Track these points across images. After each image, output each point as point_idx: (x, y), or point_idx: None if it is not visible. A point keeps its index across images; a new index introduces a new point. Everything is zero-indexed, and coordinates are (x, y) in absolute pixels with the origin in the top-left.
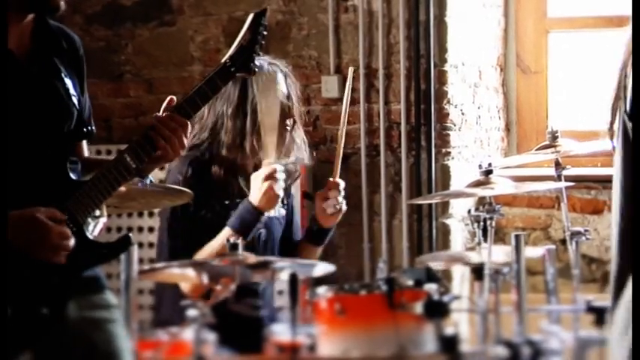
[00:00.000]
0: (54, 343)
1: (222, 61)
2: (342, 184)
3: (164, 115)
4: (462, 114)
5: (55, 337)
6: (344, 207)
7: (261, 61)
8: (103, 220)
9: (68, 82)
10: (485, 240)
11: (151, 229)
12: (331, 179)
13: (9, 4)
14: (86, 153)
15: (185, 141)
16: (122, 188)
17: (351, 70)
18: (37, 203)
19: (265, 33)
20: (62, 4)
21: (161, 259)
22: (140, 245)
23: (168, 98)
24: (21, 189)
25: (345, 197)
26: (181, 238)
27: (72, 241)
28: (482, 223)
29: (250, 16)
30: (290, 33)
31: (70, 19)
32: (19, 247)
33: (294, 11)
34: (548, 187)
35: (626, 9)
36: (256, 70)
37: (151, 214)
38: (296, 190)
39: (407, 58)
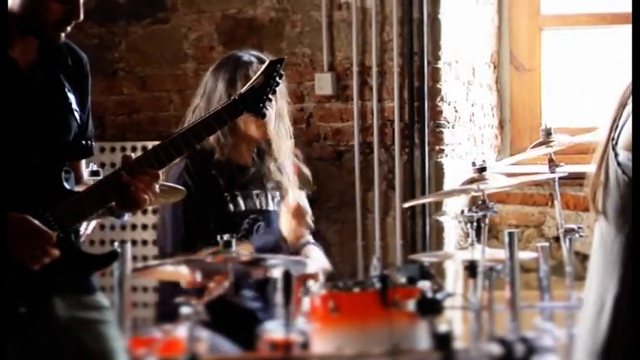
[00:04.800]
0: (43, 342)
1: (232, 97)
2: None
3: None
4: (456, 111)
5: (44, 337)
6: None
7: (245, 53)
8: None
9: (71, 96)
10: (479, 238)
11: (144, 227)
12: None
13: (13, 19)
14: (84, 172)
15: (157, 191)
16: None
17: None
18: (29, 209)
19: (279, 81)
20: (61, 35)
21: (166, 250)
22: (134, 243)
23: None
24: (14, 194)
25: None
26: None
27: (56, 250)
28: (475, 223)
29: (267, 62)
30: (283, 30)
31: None
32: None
33: (288, 9)
34: (541, 178)
35: (619, 6)
36: (265, 113)
37: (144, 212)
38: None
39: (400, 55)
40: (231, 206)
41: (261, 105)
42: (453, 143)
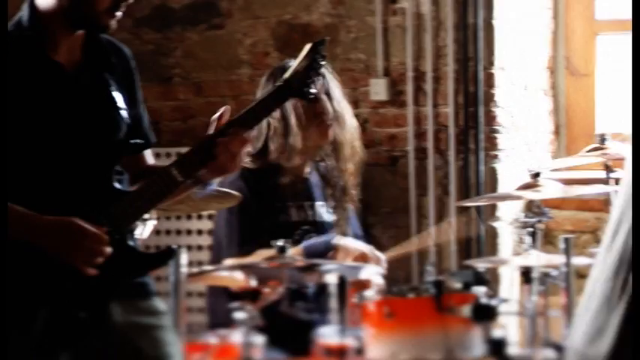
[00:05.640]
0: (99, 347)
1: (277, 84)
2: None
3: (228, 132)
4: (511, 117)
5: (100, 342)
6: None
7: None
8: (152, 222)
9: (117, 95)
10: (534, 244)
11: (199, 232)
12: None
13: (60, 19)
14: (151, 161)
15: (245, 157)
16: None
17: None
18: (78, 210)
19: (323, 62)
20: (113, 23)
21: (220, 256)
22: (189, 248)
23: (223, 108)
24: (64, 196)
25: None
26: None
27: (108, 248)
28: (530, 229)
29: (308, 45)
30: (338, 36)
31: (119, 23)
32: (53, 251)
33: (343, 14)
34: (597, 191)
35: None
36: (311, 96)
37: (199, 217)
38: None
39: (455, 60)
40: (282, 217)
41: (306, 88)
42: (508, 149)
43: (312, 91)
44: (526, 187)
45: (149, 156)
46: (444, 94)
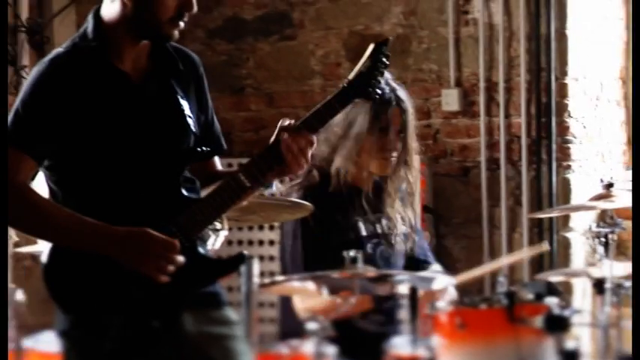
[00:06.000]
0: (171, 356)
1: (341, 85)
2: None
3: (293, 131)
4: (584, 127)
5: (173, 351)
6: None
7: None
8: (224, 233)
9: (184, 103)
10: (607, 255)
11: (271, 242)
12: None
13: (124, 29)
14: (219, 167)
15: (309, 157)
16: (244, 202)
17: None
18: (148, 219)
19: (387, 62)
20: (176, 32)
21: (288, 269)
22: (261, 258)
23: (288, 122)
24: (132, 205)
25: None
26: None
27: (179, 256)
28: (603, 239)
29: (372, 45)
30: (410, 46)
31: (192, 34)
32: (125, 261)
33: (415, 25)
34: None
35: None
36: (376, 96)
37: (271, 227)
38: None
39: (528, 71)
40: (351, 233)
41: (370, 89)
42: (581, 159)
43: (377, 92)
44: (599, 197)
45: (218, 163)
46: (516, 104)
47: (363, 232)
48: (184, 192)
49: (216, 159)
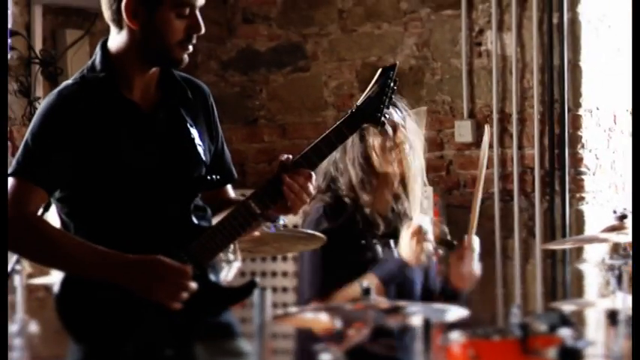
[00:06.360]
0: None
1: (349, 111)
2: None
3: (290, 169)
4: (597, 158)
5: None
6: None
7: None
8: (237, 264)
9: (194, 131)
10: (620, 286)
11: (284, 274)
12: (466, 238)
13: (132, 58)
14: (232, 195)
15: (312, 191)
16: (256, 233)
17: (487, 130)
18: (159, 248)
19: (394, 87)
20: (185, 56)
21: (305, 297)
22: (274, 290)
23: (284, 157)
24: (144, 234)
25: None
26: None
27: (192, 282)
28: (616, 271)
29: (379, 71)
30: (423, 78)
31: (206, 65)
32: (138, 289)
33: (428, 56)
34: None
35: None
36: (384, 121)
37: (284, 259)
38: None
39: (541, 102)
40: (369, 253)
41: (379, 114)
42: (594, 191)
43: (385, 117)
44: (612, 229)
45: (230, 191)
46: (530, 136)
47: (380, 255)
48: (195, 220)
49: (229, 187)
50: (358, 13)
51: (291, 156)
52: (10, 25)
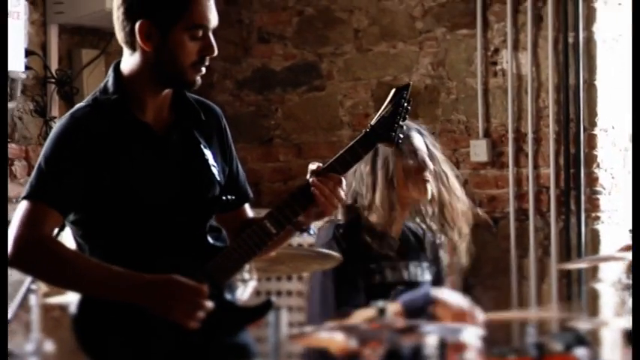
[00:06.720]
0: None
1: (364, 130)
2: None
3: (320, 174)
4: (612, 178)
5: None
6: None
7: None
8: (253, 283)
9: (207, 152)
10: None
11: (299, 293)
12: None
13: (145, 80)
14: (250, 215)
15: (342, 196)
16: (272, 253)
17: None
18: (175, 268)
19: (408, 107)
20: (198, 78)
21: (314, 319)
22: (289, 309)
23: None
24: (159, 256)
25: None
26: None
27: (208, 302)
28: (632, 290)
29: (393, 90)
30: (439, 97)
31: (221, 85)
32: (154, 308)
33: (443, 75)
34: None
35: None
36: (399, 140)
37: (299, 278)
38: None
39: (556, 121)
40: (377, 277)
41: (392, 133)
42: (610, 210)
43: (399, 136)
44: (628, 248)
45: (248, 210)
46: (545, 155)
47: (389, 278)
48: (211, 240)
49: (247, 207)
50: (374, 32)
51: (321, 164)
52: (25, 45)
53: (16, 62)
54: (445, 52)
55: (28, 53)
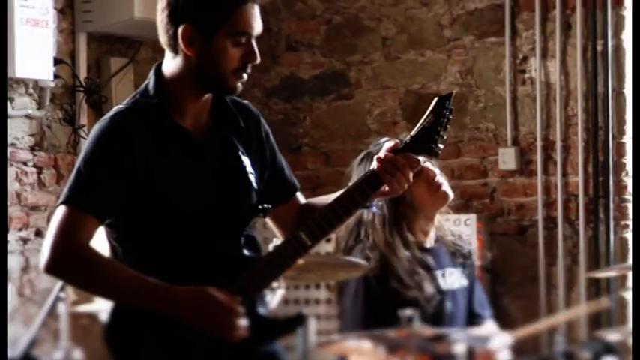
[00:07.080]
0: None
1: (403, 141)
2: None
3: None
4: None
5: None
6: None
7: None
8: (281, 291)
9: (245, 159)
10: None
11: (328, 301)
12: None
13: (186, 84)
14: (303, 200)
15: (410, 178)
16: (300, 261)
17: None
18: (208, 278)
19: (450, 117)
20: (239, 85)
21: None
22: (317, 317)
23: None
24: (193, 264)
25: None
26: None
27: (243, 320)
28: None
29: (435, 99)
30: (467, 105)
31: (250, 93)
32: (187, 320)
33: (471, 84)
34: None
35: None
36: (439, 152)
37: (327, 286)
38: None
39: (585, 130)
40: (415, 291)
41: (433, 145)
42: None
43: (439, 147)
44: None
45: (301, 198)
46: (574, 163)
47: (427, 290)
48: (245, 251)
49: (299, 195)
50: (402, 40)
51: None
52: (54, 54)
53: (45, 71)
54: (473, 60)
55: (57, 62)
